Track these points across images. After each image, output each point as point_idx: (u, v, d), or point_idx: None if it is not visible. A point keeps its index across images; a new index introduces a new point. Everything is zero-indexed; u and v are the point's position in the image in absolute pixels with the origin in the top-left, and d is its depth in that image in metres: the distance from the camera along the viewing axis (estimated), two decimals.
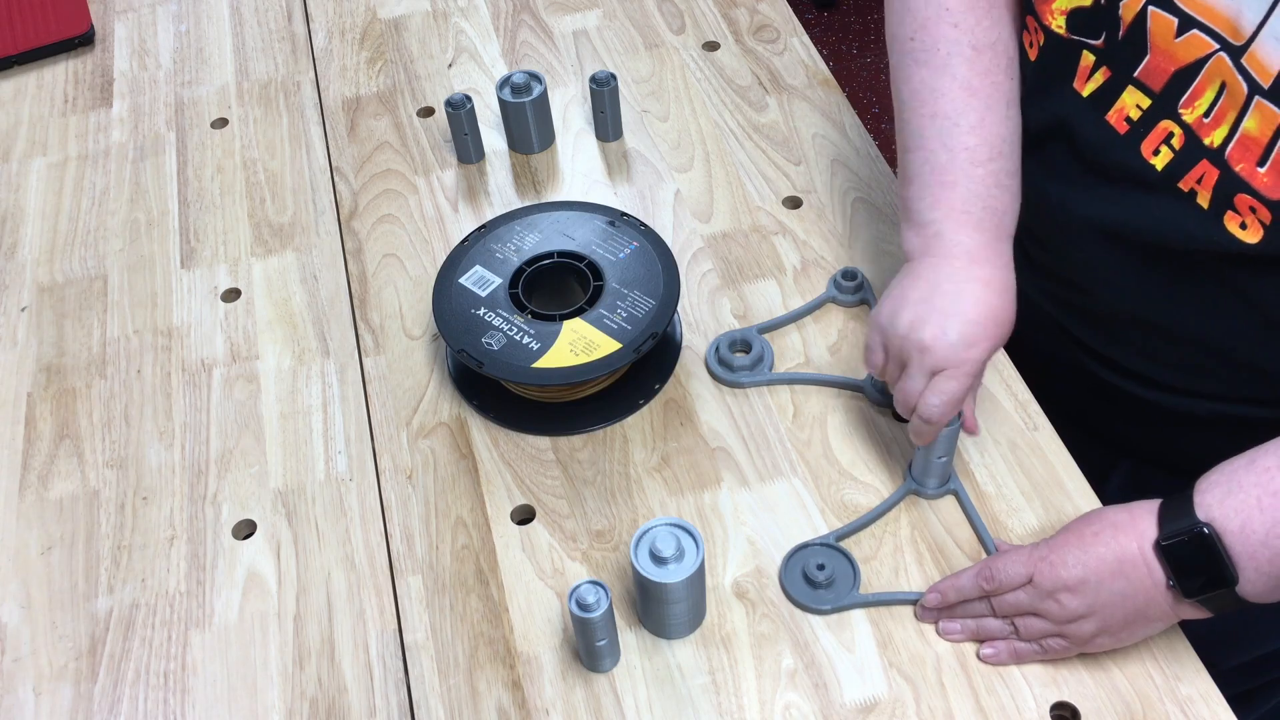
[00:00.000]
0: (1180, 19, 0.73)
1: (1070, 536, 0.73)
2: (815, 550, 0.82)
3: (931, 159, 0.82)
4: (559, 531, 0.85)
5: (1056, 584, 0.72)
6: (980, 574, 0.76)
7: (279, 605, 0.83)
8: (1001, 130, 0.82)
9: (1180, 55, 0.74)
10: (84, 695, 0.79)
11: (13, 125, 1.22)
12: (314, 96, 1.22)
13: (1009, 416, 0.90)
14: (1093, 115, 0.80)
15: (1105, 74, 0.79)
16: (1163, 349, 0.87)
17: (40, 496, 0.90)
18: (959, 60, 0.83)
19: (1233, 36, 0.70)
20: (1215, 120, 0.74)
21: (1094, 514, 0.75)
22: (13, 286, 1.06)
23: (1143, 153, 0.78)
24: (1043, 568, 0.73)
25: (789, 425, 0.91)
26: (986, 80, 0.82)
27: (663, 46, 1.24)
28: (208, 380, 0.97)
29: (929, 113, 0.83)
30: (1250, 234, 0.74)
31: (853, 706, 0.75)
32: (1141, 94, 0.77)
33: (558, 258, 0.96)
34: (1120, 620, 0.72)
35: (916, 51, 0.84)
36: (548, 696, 0.77)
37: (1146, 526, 0.70)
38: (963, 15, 0.83)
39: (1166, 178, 0.77)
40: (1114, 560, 0.71)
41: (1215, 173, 0.74)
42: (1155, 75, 0.76)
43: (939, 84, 0.83)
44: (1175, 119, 0.76)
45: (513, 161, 1.14)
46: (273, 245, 1.07)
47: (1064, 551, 0.72)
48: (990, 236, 0.81)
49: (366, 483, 0.90)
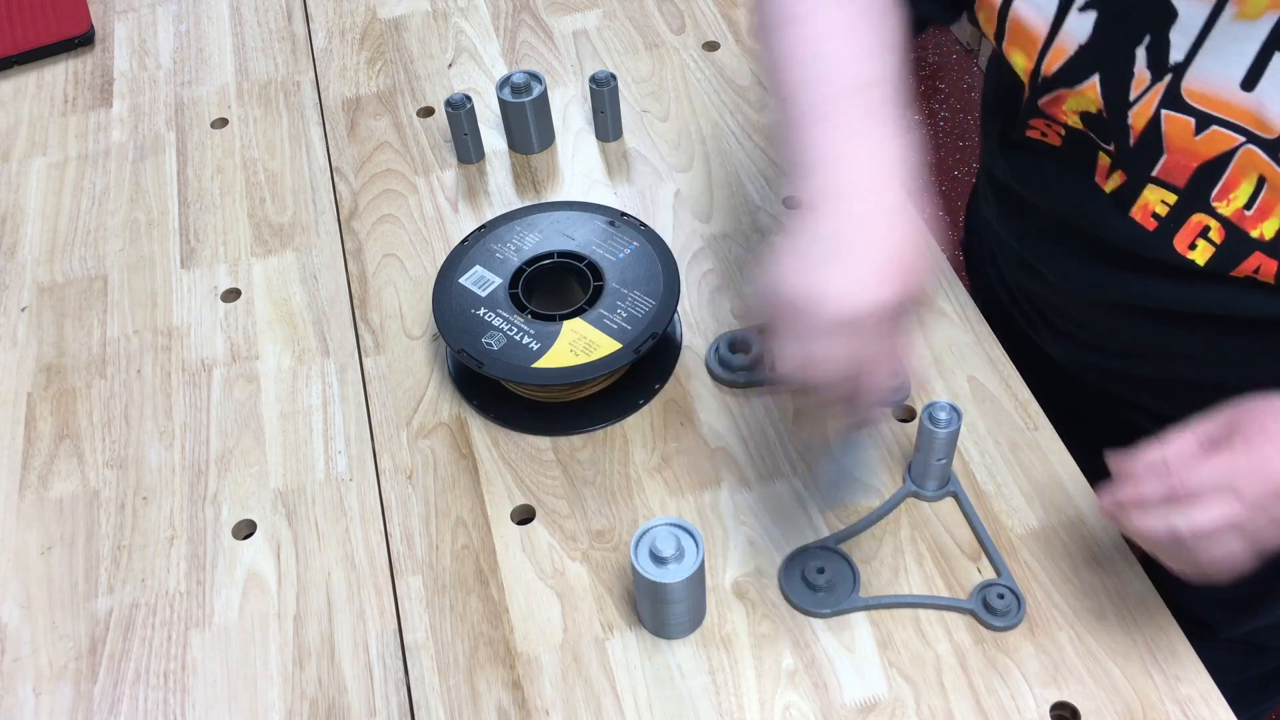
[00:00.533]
0: (1198, 118, 0.70)
1: (1261, 435, 0.63)
2: (814, 554, 0.82)
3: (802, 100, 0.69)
4: (559, 531, 0.85)
5: (1267, 491, 0.62)
6: (1172, 492, 0.63)
7: (279, 605, 0.83)
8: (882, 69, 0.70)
9: (1203, 151, 0.71)
10: (84, 695, 0.79)
11: (13, 125, 1.22)
12: (314, 96, 1.22)
13: (1009, 416, 0.90)
14: (1115, 213, 0.77)
15: (1122, 176, 0.76)
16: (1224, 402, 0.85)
17: (40, 496, 0.90)
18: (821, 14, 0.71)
19: (1260, 129, 0.68)
20: (1260, 212, 0.71)
21: (1263, 405, 0.65)
22: (13, 286, 1.06)
23: (1177, 248, 0.75)
24: (1252, 478, 0.62)
25: (789, 425, 0.91)
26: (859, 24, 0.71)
27: (663, 46, 1.24)
28: (208, 380, 0.97)
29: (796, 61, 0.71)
30: None
31: (853, 706, 0.75)
32: (1165, 190, 0.74)
33: (558, 258, 0.96)
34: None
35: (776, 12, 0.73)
36: (548, 696, 0.77)
37: None
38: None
39: (1212, 271, 0.74)
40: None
41: (1274, 264, 0.72)
42: (1176, 172, 0.73)
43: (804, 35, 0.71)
44: (1210, 212, 0.73)
45: (513, 161, 1.14)
46: (273, 245, 1.07)
47: (1265, 452, 0.62)
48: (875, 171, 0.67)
49: (366, 483, 0.90)
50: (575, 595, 0.82)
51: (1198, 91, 0.69)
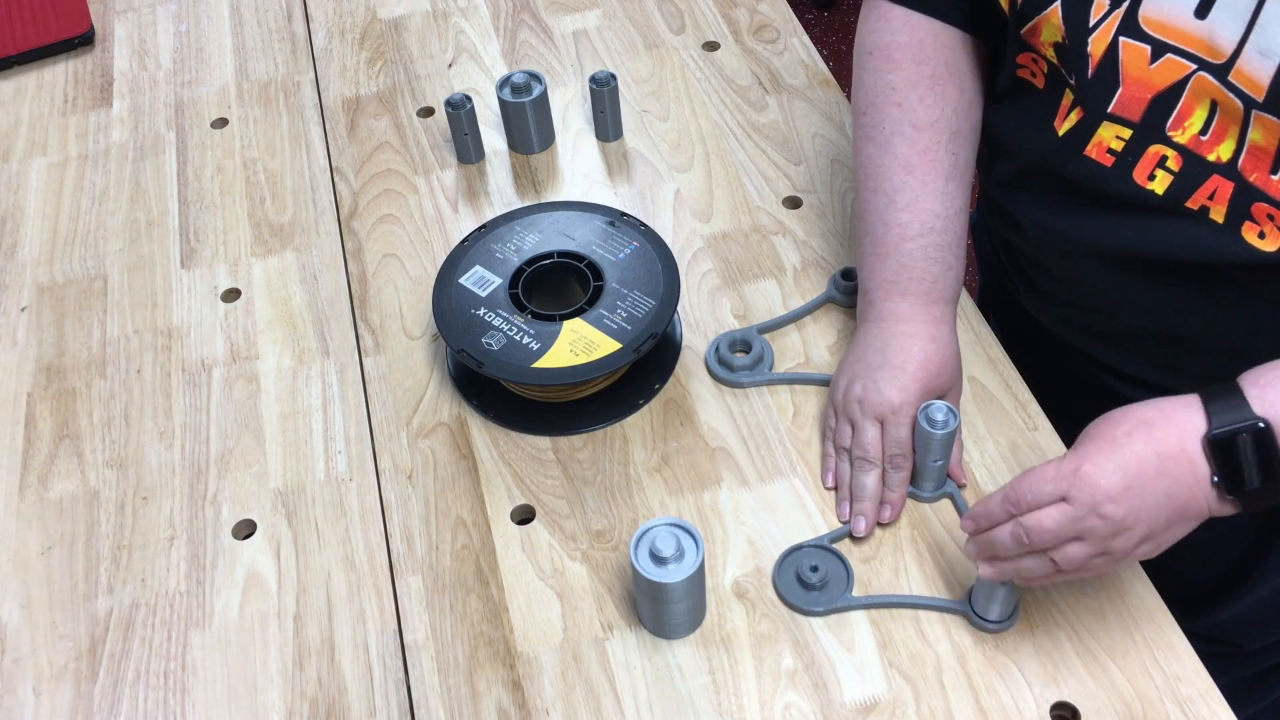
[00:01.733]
0: (1153, 46, 0.73)
1: (1099, 443, 0.68)
2: (808, 552, 0.82)
3: (871, 232, 0.89)
4: (559, 531, 0.85)
5: (1097, 496, 0.66)
6: (1006, 498, 0.70)
7: (279, 605, 0.83)
8: (935, 206, 0.87)
9: (1156, 81, 0.75)
10: (84, 695, 0.79)
11: (13, 125, 1.22)
12: (314, 96, 1.22)
13: (1009, 416, 0.90)
14: (1070, 154, 0.81)
15: (1079, 114, 0.80)
16: (1183, 361, 0.87)
17: (40, 496, 0.90)
18: (900, 139, 0.88)
19: (1211, 56, 0.71)
20: (1216, 136, 0.74)
21: (1116, 415, 0.69)
22: (13, 286, 1.06)
23: (1136, 179, 0.78)
24: (1077, 482, 0.66)
25: (789, 425, 0.91)
26: (926, 158, 0.87)
27: (663, 46, 1.24)
28: (208, 380, 0.97)
29: (872, 188, 0.89)
30: (1269, 243, 0.74)
31: (853, 706, 0.75)
32: (1120, 126, 0.78)
33: (558, 258, 0.96)
34: (1164, 522, 0.68)
35: (866, 127, 0.90)
36: (548, 696, 0.77)
37: (1188, 420, 0.67)
38: (906, 94, 0.88)
39: (1170, 200, 0.77)
40: (1155, 458, 0.66)
41: (1230, 185, 0.74)
42: (1132, 105, 0.76)
43: (881, 160, 0.89)
44: (1166, 142, 0.76)
45: (513, 161, 1.14)
46: (273, 245, 1.07)
47: (1097, 460, 0.66)
48: (918, 300, 0.87)
49: (366, 483, 0.90)
50: (575, 595, 0.82)
51: (1154, 19, 0.73)
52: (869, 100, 0.90)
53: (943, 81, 0.88)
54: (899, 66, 0.88)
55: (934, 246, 0.87)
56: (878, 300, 0.88)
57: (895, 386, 0.83)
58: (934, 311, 0.87)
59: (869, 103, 0.90)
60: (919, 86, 0.88)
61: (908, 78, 0.88)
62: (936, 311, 0.87)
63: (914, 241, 0.87)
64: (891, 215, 0.88)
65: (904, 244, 0.87)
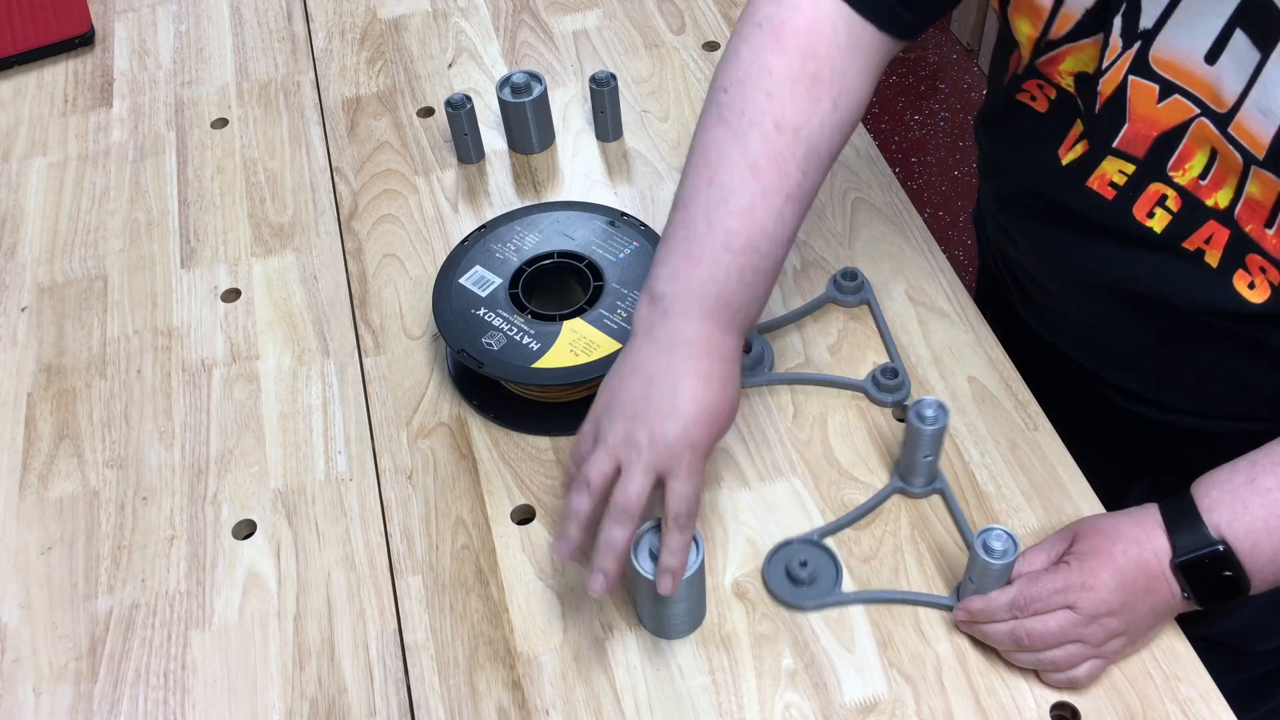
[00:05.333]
0: (1161, 85, 0.73)
1: (1100, 558, 0.72)
2: (798, 547, 0.82)
3: (689, 226, 0.77)
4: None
5: (1099, 609, 0.71)
6: (1015, 604, 0.73)
7: (279, 605, 0.83)
8: (768, 224, 0.76)
9: (1163, 120, 0.74)
10: (84, 695, 0.79)
11: (13, 125, 1.22)
12: (314, 96, 1.22)
13: (1009, 416, 0.90)
14: (1072, 184, 0.80)
15: (1084, 146, 0.79)
16: (1174, 380, 0.87)
17: (40, 496, 0.90)
18: (757, 133, 0.77)
19: (1215, 104, 0.70)
20: (1214, 183, 0.74)
21: (1106, 528, 0.74)
22: (13, 286, 1.06)
23: (1135, 215, 0.78)
24: (1085, 595, 0.71)
25: (789, 425, 0.91)
26: (775, 165, 0.76)
27: (663, 46, 1.24)
28: (208, 380, 0.97)
29: (707, 177, 0.77)
30: (1258, 294, 0.74)
31: (853, 706, 0.75)
32: (1124, 161, 0.77)
33: (558, 258, 0.96)
34: (1145, 630, 0.75)
35: (723, 106, 0.79)
36: (548, 696, 0.77)
37: (1159, 541, 0.72)
38: (780, 84, 0.77)
39: (1168, 239, 0.77)
40: (1144, 578, 0.71)
41: (1226, 232, 0.74)
42: (1136, 142, 0.76)
43: (728, 150, 0.77)
44: (1166, 182, 0.76)
45: (513, 161, 1.14)
46: (273, 245, 1.07)
47: (1099, 574, 0.71)
48: (717, 328, 0.76)
49: (366, 483, 0.90)
50: (575, 595, 0.82)
51: (1164, 59, 0.72)
52: (737, 77, 0.78)
53: (822, 87, 0.77)
54: (785, 51, 0.77)
55: (751, 270, 0.76)
56: (674, 313, 0.75)
57: (685, 442, 0.72)
58: (728, 345, 0.76)
59: (736, 80, 0.78)
60: (797, 82, 0.77)
61: (788, 67, 0.77)
62: (731, 345, 0.76)
63: (735, 256, 0.75)
64: (719, 217, 0.76)
65: (723, 255, 0.75)
